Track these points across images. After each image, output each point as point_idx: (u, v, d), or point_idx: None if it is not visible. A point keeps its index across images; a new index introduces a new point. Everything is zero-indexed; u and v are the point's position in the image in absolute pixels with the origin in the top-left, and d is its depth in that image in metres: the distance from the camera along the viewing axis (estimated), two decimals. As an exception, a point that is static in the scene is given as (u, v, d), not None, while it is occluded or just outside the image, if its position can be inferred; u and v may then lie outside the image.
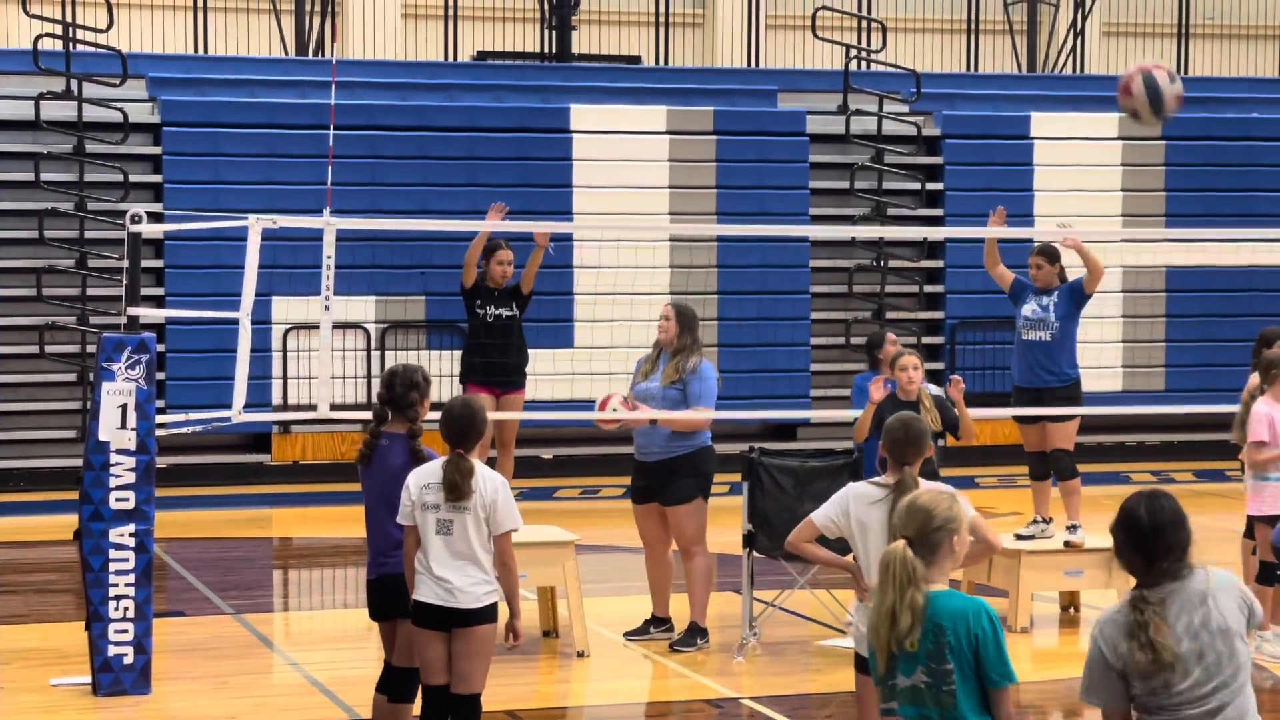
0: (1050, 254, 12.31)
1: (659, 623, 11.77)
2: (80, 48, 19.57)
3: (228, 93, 20.06)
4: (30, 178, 19.08)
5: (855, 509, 7.71)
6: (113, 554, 10.16)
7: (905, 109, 21.55)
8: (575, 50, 22.69)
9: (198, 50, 21.51)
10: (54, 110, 19.30)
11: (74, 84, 19.30)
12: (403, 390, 8.40)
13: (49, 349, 19.06)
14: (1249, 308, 21.26)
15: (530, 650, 11.42)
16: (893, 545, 5.61)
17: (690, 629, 11.52)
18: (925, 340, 20.85)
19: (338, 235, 11.32)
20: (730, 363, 19.26)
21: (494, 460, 12.28)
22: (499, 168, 20.03)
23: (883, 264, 21.28)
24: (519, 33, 24.36)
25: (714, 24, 26.31)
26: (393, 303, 19.67)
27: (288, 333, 19.30)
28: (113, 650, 10.19)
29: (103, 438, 10.17)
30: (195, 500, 18.21)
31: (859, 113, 21.54)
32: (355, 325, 19.56)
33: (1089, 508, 12.33)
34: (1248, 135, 22.35)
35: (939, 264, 21.54)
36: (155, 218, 17.95)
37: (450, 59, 22.29)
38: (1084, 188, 21.49)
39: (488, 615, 7.95)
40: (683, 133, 20.80)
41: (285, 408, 19.12)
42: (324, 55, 22.02)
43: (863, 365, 14.16)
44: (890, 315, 21.05)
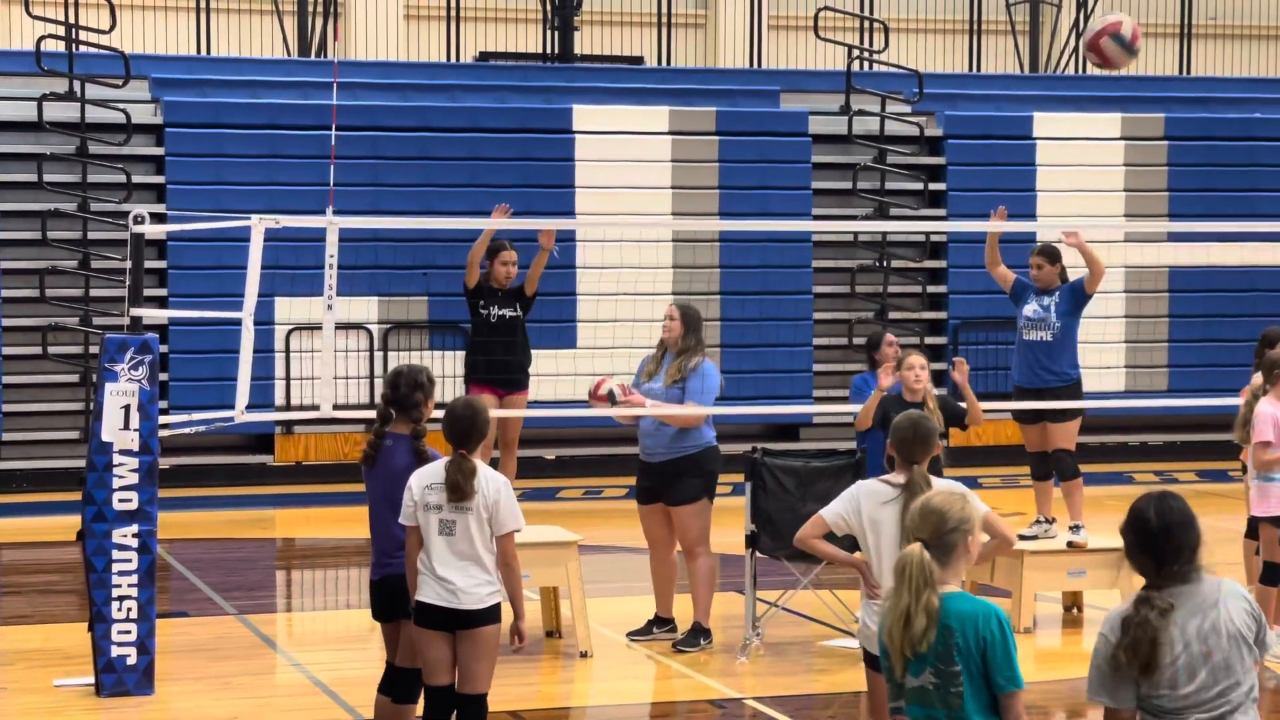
0: (1051, 254, 12.30)
1: (662, 623, 11.77)
2: (83, 49, 19.57)
3: (230, 93, 20.07)
4: (33, 179, 19.09)
5: (867, 507, 7.70)
6: (116, 555, 10.16)
7: (908, 109, 21.55)
8: (577, 51, 22.69)
9: (200, 51, 21.52)
10: (57, 111, 19.31)
11: (77, 85, 19.31)
12: (407, 390, 8.39)
13: (52, 350, 19.08)
14: (1252, 308, 21.26)
15: (533, 650, 11.42)
16: (909, 548, 5.61)
17: (693, 629, 11.52)
18: (928, 340, 20.84)
19: (340, 236, 11.31)
20: (733, 363, 19.26)
21: (497, 461, 12.28)
22: (501, 168, 20.03)
23: (885, 264, 21.28)
24: (521, 33, 24.36)
25: (716, 24, 26.30)
26: (395, 303, 19.68)
27: (290, 333, 19.31)
28: (116, 651, 10.19)
29: (106, 438, 10.17)
30: (198, 501, 18.22)
31: (861, 113, 21.54)
32: (358, 326, 19.56)
33: (1091, 508, 12.33)
34: (1250, 135, 22.35)
35: (941, 264, 21.55)
36: (158, 218, 17.97)
37: (452, 60, 22.29)
38: (1086, 188, 21.49)
39: (491, 616, 7.95)
40: (685, 133, 20.80)
41: (288, 408, 19.12)
42: (326, 56, 22.02)
43: (864, 365, 14.13)
44: (893, 315, 21.06)
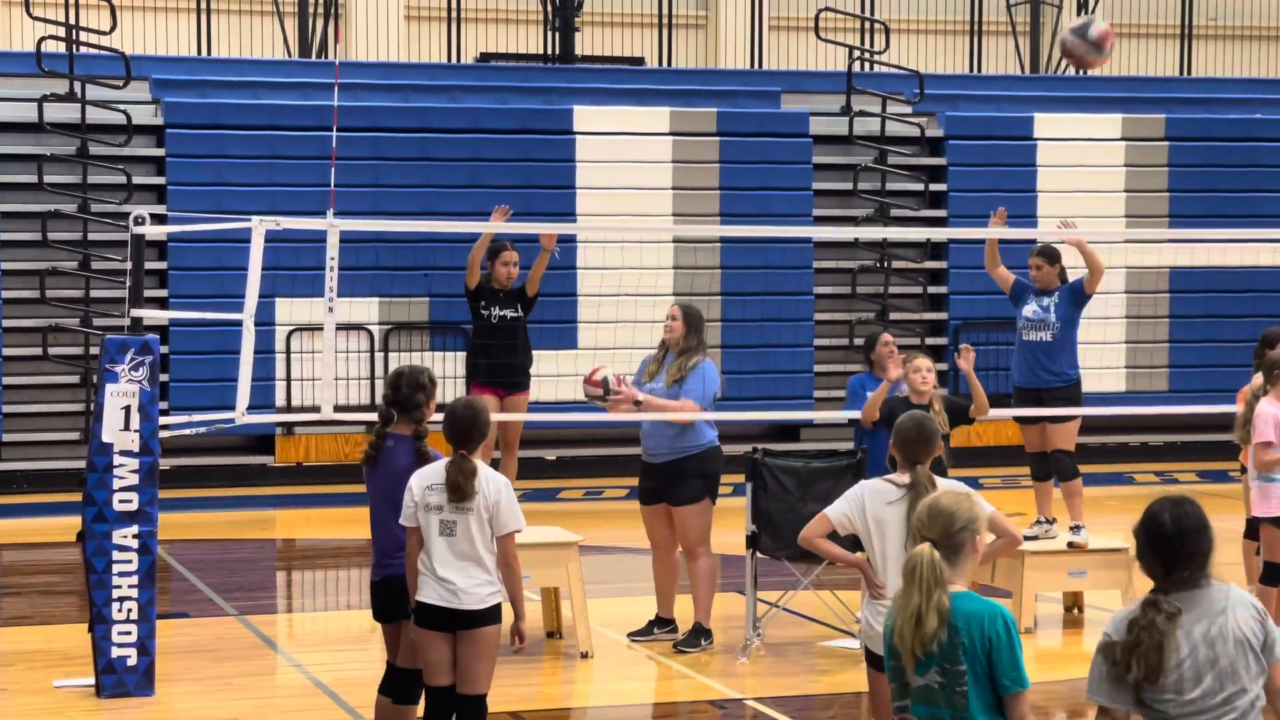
0: (1050, 255, 12.31)
1: (663, 623, 11.77)
2: (83, 50, 19.58)
3: (231, 94, 20.08)
4: (34, 180, 19.09)
5: (872, 506, 7.69)
6: (116, 555, 10.16)
7: (908, 110, 21.55)
8: (578, 52, 22.69)
9: (201, 52, 21.52)
10: (57, 112, 19.32)
11: (77, 86, 19.32)
12: (409, 391, 8.38)
13: (53, 351, 19.08)
14: (1252, 309, 21.25)
15: (534, 651, 11.42)
16: (918, 548, 5.60)
17: (694, 630, 11.52)
18: (929, 341, 20.84)
19: (341, 237, 11.32)
20: (734, 364, 19.27)
21: (498, 461, 12.28)
22: (502, 169, 20.03)
23: (886, 265, 21.28)
24: (522, 34, 24.35)
25: (717, 25, 26.30)
26: (396, 304, 19.68)
27: (291, 334, 19.31)
28: (116, 652, 10.19)
29: (106, 439, 10.17)
30: (199, 502, 18.22)
31: (862, 114, 21.54)
32: (358, 327, 19.56)
33: (1091, 509, 12.33)
34: (1250, 136, 22.35)
35: (942, 265, 21.55)
36: (158, 220, 17.97)
37: (453, 60, 22.29)
38: (1087, 189, 21.49)
39: (492, 616, 7.95)
40: (686, 134, 20.80)
41: (289, 409, 19.12)
42: (327, 57, 22.01)
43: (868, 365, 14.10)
44: (894, 316, 21.05)
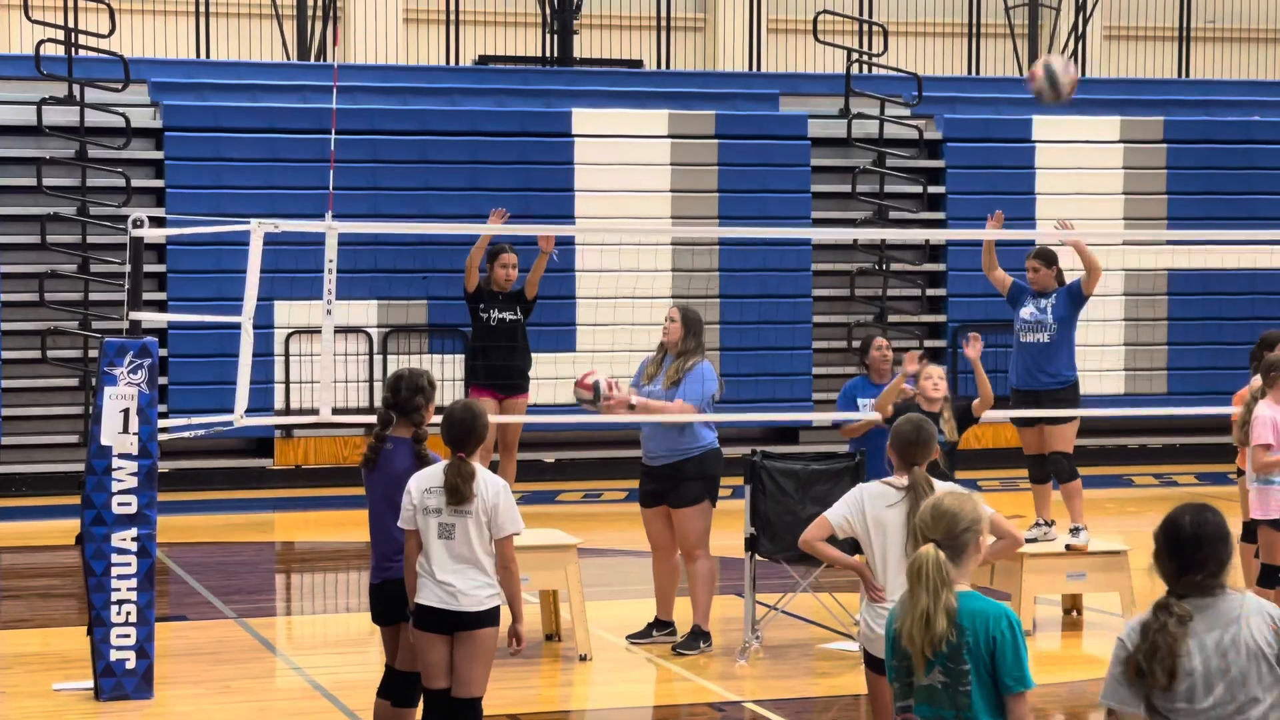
0: (1047, 257, 12.32)
1: (662, 626, 11.77)
2: (82, 53, 19.58)
3: (229, 97, 20.08)
4: (32, 183, 19.09)
5: (871, 509, 7.69)
6: (115, 558, 10.16)
7: (907, 112, 21.55)
8: (577, 54, 22.68)
9: (199, 55, 21.52)
10: (56, 115, 19.31)
11: (76, 89, 19.31)
12: (408, 394, 8.38)
13: (51, 354, 19.08)
14: (1250, 311, 21.26)
15: (532, 654, 11.42)
16: (923, 549, 5.60)
17: (693, 632, 11.52)
18: (927, 344, 20.83)
19: (340, 240, 11.32)
20: (732, 366, 19.26)
21: (497, 464, 12.28)
22: (501, 172, 20.03)
23: (884, 268, 21.28)
24: (521, 37, 24.35)
25: (715, 28, 26.30)
26: (394, 307, 19.68)
27: (290, 337, 19.31)
28: (115, 655, 10.18)
29: (105, 442, 10.17)
30: (197, 505, 18.22)
31: (860, 116, 21.54)
32: (357, 329, 19.56)
33: (1090, 510, 12.32)
34: (1249, 138, 22.35)
35: (941, 267, 21.54)
36: (157, 222, 17.97)
37: (452, 63, 22.29)
38: (1085, 191, 21.49)
39: (490, 619, 7.95)
40: (684, 136, 20.80)
41: (287, 412, 19.11)
42: (326, 60, 22.02)
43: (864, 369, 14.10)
44: (892, 319, 21.05)
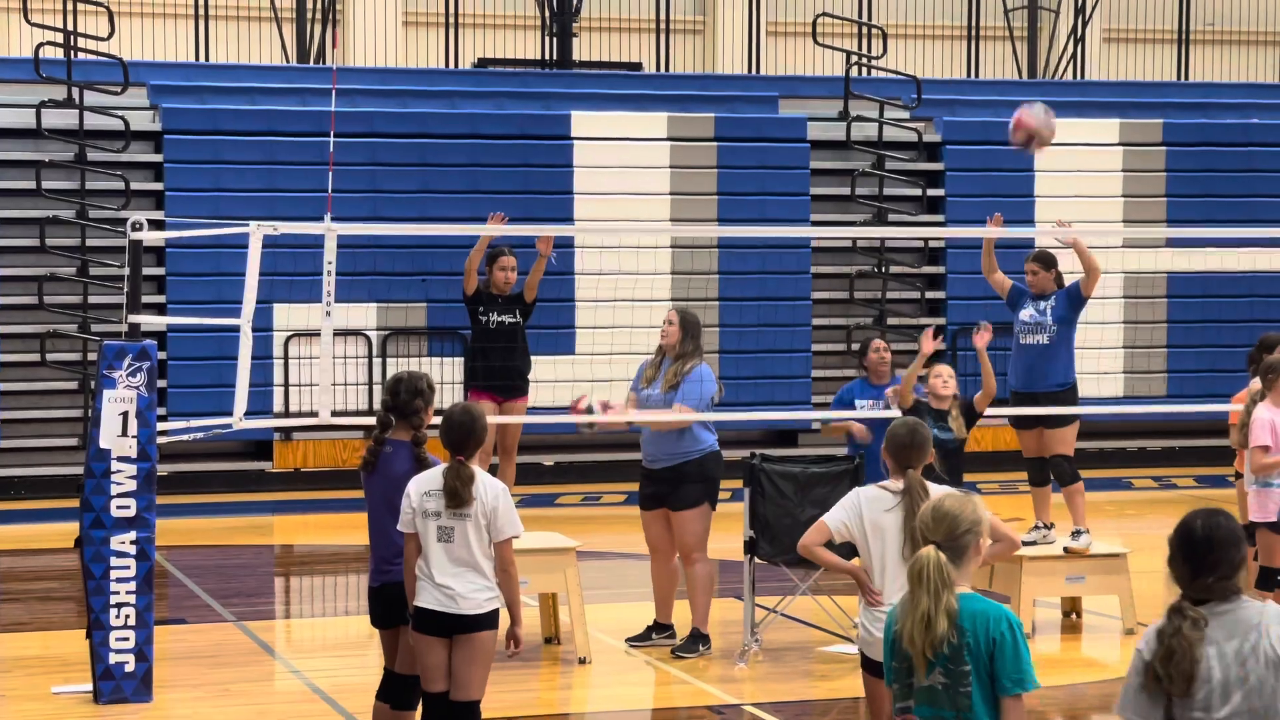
0: (1045, 260, 12.33)
1: (661, 629, 11.77)
2: (81, 56, 19.58)
3: (229, 100, 20.08)
4: (32, 186, 19.09)
5: (869, 513, 7.69)
6: (114, 561, 10.15)
7: (906, 115, 21.55)
8: (576, 57, 22.69)
9: (199, 58, 21.52)
10: (55, 118, 19.31)
11: (75, 92, 19.31)
12: (407, 397, 8.37)
13: (50, 357, 19.07)
14: (1250, 313, 21.26)
15: (532, 657, 11.42)
16: (924, 550, 5.60)
17: (692, 635, 11.52)
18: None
19: (339, 242, 11.32)
20: (732, 369, 19.27)
21: (496, 467, 12.27)
22: (500, 174, 20.03)
23: (884, 270, 21.28)
24: (520, 39, 24.36)
25: (715, 30, 26.31)
26: (394, 309, 19.67)
27: (289, 340, 19.30)
28: (114, 658, 10.18)
29: (104, 445, 10.16)
30: (196, 507, 18.21)
31: (860, 119, 21.53)
32: (356, 332, 19.56)
33: (1089, 513, 12.30)
34: (1248, 141, 22.35)
35: (940, 270, 21.54)
36: (156, 225, 17.95)
37: (451, 66, 22.30)
38: (1085, 193, 21.49)
39: (489, 621, 7.94)
40: (684, 139, 20.80)
41: (286, 415, 19.11)
42: (325, 63, 22.02)
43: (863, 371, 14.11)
44: (891, 321, 21.05)
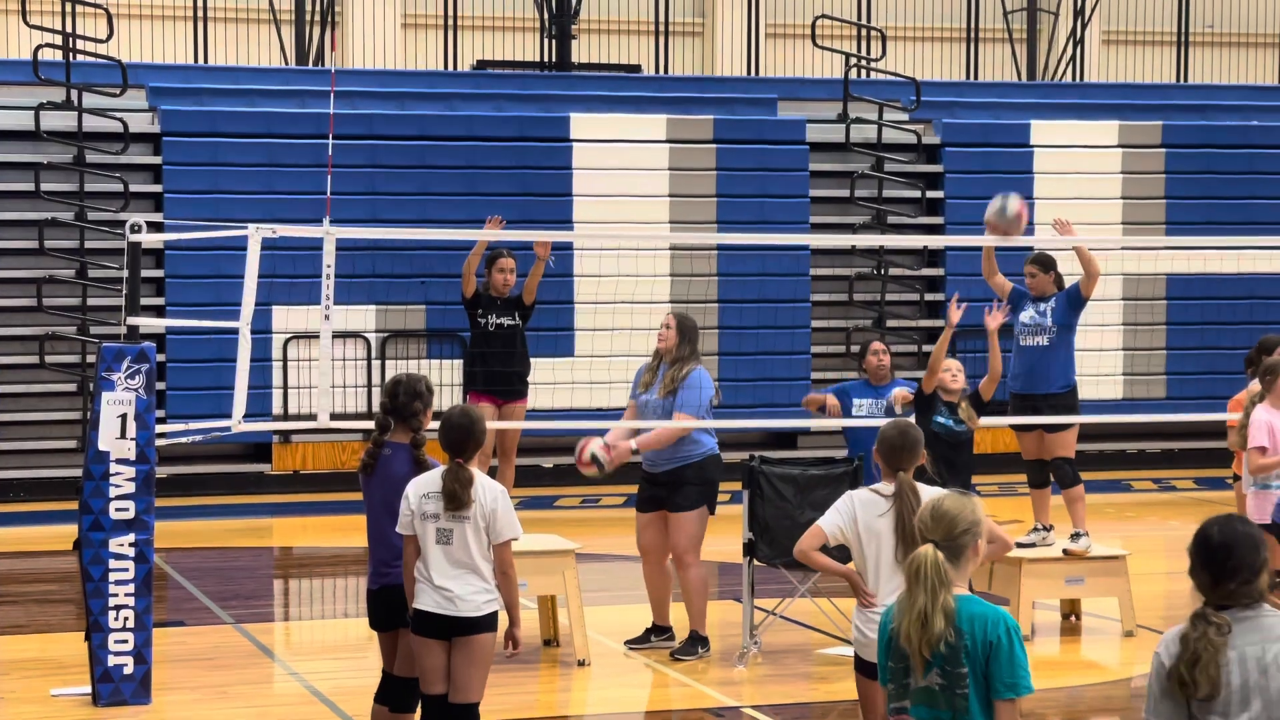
0: (1044, 262, 12.33)
1: (660, 631, 11.76)
2: (80, 58, 19.58)
3: (227, 102, 20.07)
4: (30, 188, 19.09)
5: (863, 516, 7.68)
6: (113, 564, 10.15)
7: (905, 117, 21.55)
8: (575, 59, 22.69)
9: (198, 60, 21.52)
10: (54, 120, 19.31)
11: (74, 94, 19.30)
12: (406, 399, 8.36)
13: (49, 359, 19.06)
14: (1249, 315, 21.26)
15: (531, 659, 11.42)
16: (922, 549, 5.59)
17: (691, 637, 11.52)
18: (926, 348, 20.82)
19: (337, 245, 11.32)
20: (731, 371, 19.26)
21: (495, 469, 12.27)
22: (499, 177, 20.03)
23: (883, 272, 21.27)
24: (519, 42, 24.36)
25: (714, 33, 26.31)
26: (393, 312, 19.67)
27: (288, 342, 19.30)
28: (113, 660, 10.17)
29: (102, 447, 10.16)
30: (195, 510, 18.21)
31: (859, 121, 21.54)
32: (355, 334, 19.56)
33: (1089, 516, 12.30)
34: (1247, 143, 22.36)
35: (939, 272, 21.54)
36: (155, 227, 17.95)
37: (450, 68, 22.30)
38: (1084, 195, 21.50)
39: (488, 624, 7.94)
40: (683, 141, 20.79)
41: (285, 417, 19.12)
42: (324, 65, 22.03)
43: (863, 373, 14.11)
44: (891, 323, 21.04)
